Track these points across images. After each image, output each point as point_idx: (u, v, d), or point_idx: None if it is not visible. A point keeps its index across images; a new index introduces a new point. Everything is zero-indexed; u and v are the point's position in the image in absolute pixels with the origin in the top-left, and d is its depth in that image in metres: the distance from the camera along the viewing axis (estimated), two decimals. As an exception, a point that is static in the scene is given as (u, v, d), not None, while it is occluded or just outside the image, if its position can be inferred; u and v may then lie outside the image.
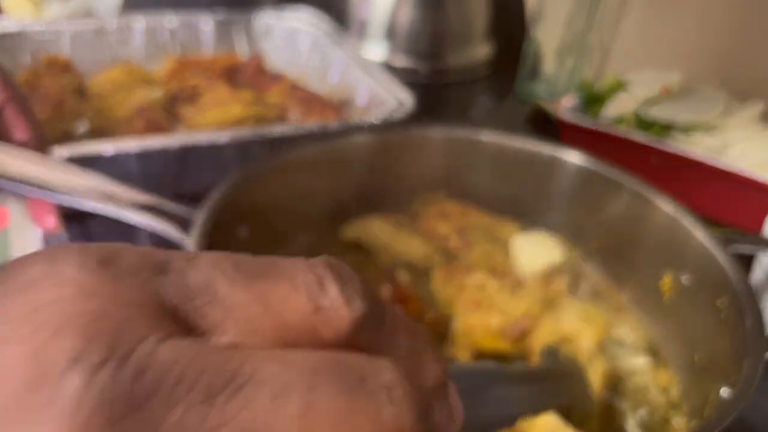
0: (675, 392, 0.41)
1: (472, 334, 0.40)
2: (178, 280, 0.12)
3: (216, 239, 0.36)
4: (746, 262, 0.42)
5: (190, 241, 0.36)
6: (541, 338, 0.39)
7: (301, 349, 0.12)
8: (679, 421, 0.39)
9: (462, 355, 0.41)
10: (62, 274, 0.11)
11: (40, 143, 0.41)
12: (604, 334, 0.39)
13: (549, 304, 0.43)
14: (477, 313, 0.41)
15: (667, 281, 0.44)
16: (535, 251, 0.45)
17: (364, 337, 0.13)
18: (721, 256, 0.39)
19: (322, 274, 0.13)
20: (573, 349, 0.38)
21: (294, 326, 0.12)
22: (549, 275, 0.45)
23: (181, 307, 0.11)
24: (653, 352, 0.44)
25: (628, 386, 0.40)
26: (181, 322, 0.11)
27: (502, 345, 0.40)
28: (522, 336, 0.40)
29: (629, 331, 0.45)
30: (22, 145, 0.41)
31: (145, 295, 0.11)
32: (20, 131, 0.40)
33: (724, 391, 0.35)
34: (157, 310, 0.11)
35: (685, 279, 0.42)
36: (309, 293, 0.12)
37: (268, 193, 0.45)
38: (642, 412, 0.38)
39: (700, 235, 0.41)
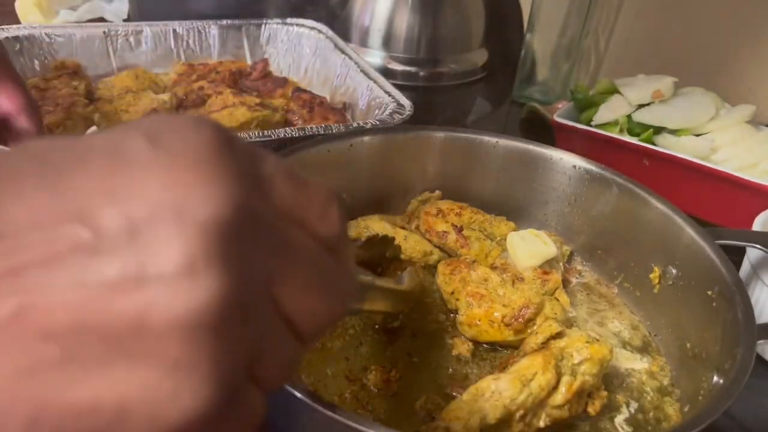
0: (667, 380, 0.42)
1: (476, 326, 0.42)
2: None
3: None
4: (734, 256, 0.43)
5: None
6: (541, 330, 0.40)
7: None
8: (671, 404, 0.40)
9: (466, 346, 0.42)
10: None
11: None
12: (604, 366, 0.38)
13: (548, 296, 0.44)
14: (480, 305, 0.42)
15: (657, 273, 0.45)
16: (531, 247, 0.46)
17: None
18: (711, 249, 0.41)
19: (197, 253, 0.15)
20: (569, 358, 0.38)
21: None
22: (544, 270, 0.46)
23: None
24: (646, 341, 0.45)
25: (624, 383, 0.41)
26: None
27: (505, 335, 0.41)
28: (525, 326, 0.41)
29: (624, 325, 0.46)
30: None
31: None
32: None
33: (716, 379, 0.36)
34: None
35: (676, 271, 0.44)
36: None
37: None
38: (634, 408, 0.39)
39: (690, 229, 0.43)
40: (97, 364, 0.14)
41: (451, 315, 0.45)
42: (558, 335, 0.39)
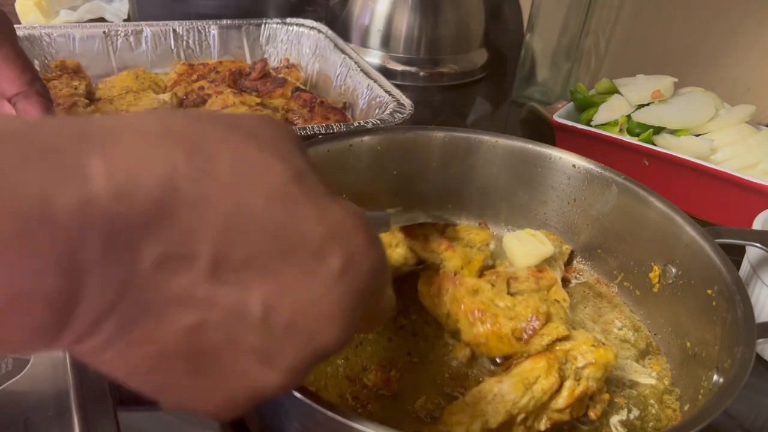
0: (667, 379, 0.42)
1: (483, 344, 0.39)
2: None
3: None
4: (734, 255, 0.43)
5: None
6: (547, 332, 0.38)
7: None
8: (671, 404, 0.40)
9: (464, 352, 0.41)
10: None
11: None
12: (608, 371, 0.37)
13: (543, 293, 0.44)
14: (484, 322, 0.39)
15: (657, 272, 0.45)
16: (527, 247, 0.46)
17: None
18: (711, 248, 0.41)
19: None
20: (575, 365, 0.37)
21: None
22: (539, 268, 0.46)
23: None
24: (648, 342, 0.45)
25: (628, 390, 0.41)
26: None
27: (515, 347, 0.39)
28: (532, 336, 0.38)
29: (627, 328, 0.46)
30: None
31: None
32: None
33: (716, 378, 0.36)
34: None
35: (675, 270, 0.44)
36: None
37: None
38: (635, 415, 0.39)
39: (690, 229, 0.43)
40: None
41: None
42: (564, 338, 0.38)
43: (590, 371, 0.36)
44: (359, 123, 0.59)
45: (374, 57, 0.90)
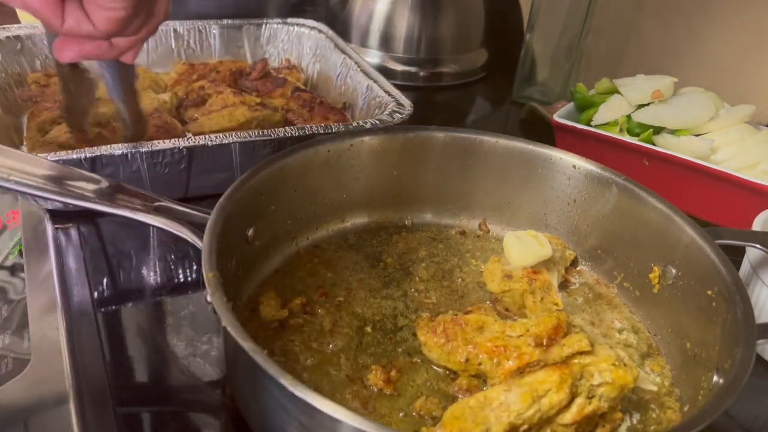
0: (667, 380, 0.42)
1: (515, 377, 0.37)
2: None
3: (225, 240, 0.37)
4: (734, 256, 0.43)
5: (200, 243, 0.37)
6: (569, 343, 0.37)
7: None
8: (671, 404, 0.40)
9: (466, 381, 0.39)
10: None
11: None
12: (624, 393, 0.36)
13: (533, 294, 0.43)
14: (509, 358, 0.37)
15: (657, 273, 0.45)
16: (525, 247, 0.46)
17: None
18: (711, 249, 0.41)
19: None
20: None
21: None
22: (534, 270, 0.46)
23: None
24: (648, 343, 0.45)
25: (629, 395, 0.39)
26: None
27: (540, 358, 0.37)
28: (553, 343, 0.37)
29: (627, 330, 0.46)
30: None
31: None
32: None
33: (716, 379, 0.36)
34: None
35: (675, 271, 0.44)
36: None
37: (274, 193, 0.46)
38: (636, 419, 0.39)
39: (690, 229, 0.43)
40: None
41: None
42: (585, 352, 0.36)
43: (605, 390, 0.35)
44: (359, 123, 0.59)
45: (374, 57, 0.90)
